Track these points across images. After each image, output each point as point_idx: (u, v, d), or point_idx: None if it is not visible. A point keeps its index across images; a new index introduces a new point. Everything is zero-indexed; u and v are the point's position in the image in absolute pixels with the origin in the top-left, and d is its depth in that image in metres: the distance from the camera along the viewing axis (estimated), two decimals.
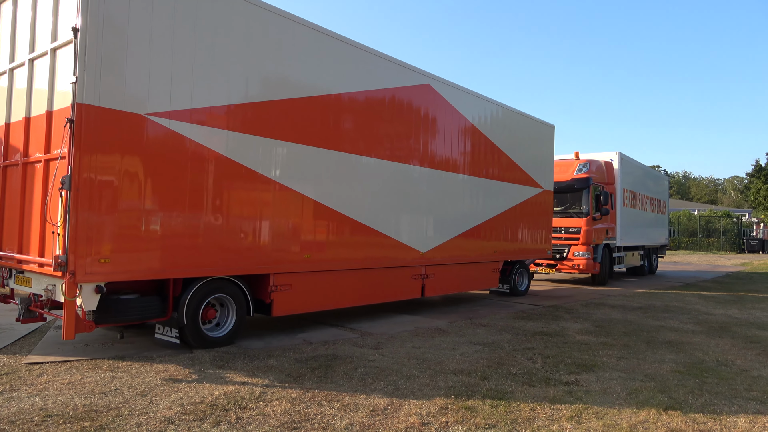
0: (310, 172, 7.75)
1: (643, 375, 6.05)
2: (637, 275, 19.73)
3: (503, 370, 6.08)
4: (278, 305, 7.39)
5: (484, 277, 11.83)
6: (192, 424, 4.25)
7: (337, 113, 8.18)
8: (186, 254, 6.30)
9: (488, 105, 11.65)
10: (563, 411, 4.77)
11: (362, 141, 8.58)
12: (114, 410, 4.50)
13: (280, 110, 7.29)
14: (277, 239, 7.30)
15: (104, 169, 5.62)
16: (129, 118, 5.81)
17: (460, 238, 10.78)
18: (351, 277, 8.55)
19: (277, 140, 7.24)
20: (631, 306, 11.69)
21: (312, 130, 7.73)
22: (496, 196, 11.85)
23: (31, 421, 4.23)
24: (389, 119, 9.12)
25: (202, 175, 6.44)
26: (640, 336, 8.28)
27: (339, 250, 8.23)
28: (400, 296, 9.62)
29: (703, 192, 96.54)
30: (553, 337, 8.03)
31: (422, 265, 9.91)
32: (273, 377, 5.56)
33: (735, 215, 49.37)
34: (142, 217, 5.93)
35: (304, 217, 7.66)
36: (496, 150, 11.81)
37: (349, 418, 4.48)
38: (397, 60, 9.32)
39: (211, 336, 6.74)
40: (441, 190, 10.29)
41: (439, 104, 10.22)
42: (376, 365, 6.13)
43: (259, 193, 7.07)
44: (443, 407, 4.78)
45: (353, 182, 8.49)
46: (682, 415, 4.76)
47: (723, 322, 9.83)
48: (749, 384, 5.80)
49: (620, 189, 17.14)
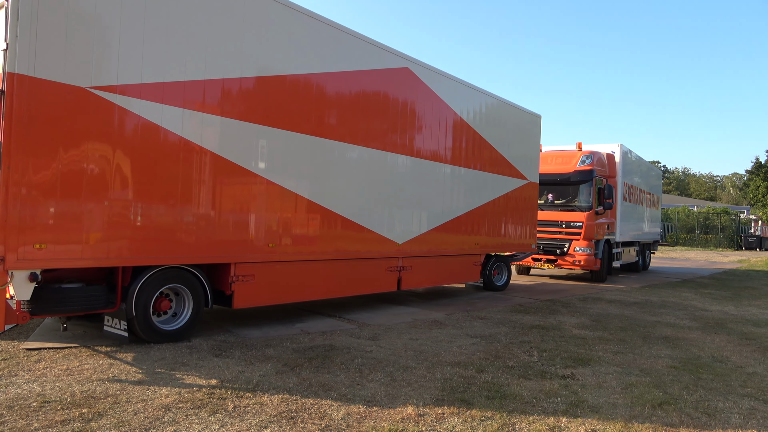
0: (276, 156, 7.31)
1: (638, 370, 6.08)
2: (632, 271, 19.47)
3: (500, 363, 6.11)
4: (239, 297, 6.99)
5: (465, 271, 11.48)
6: (189, 412, 4.27)
7: (306, 95, 7.70)
8: (135, 241, 5.86)
9: (471, 92, 11.18)
10: (559, 404, 4.79)
11: (334, 125, 8.13)
12: (111, 397, 4.52)
13: (243, 89, 6.85)
14: (238, 227, 6.89)
15: (40, 146, 5.15)
16: (69, 91, 5.31)
17: (439, 230, 10.44)
18: (320, 268, 8.13)
19: (239, 121, 6.81)
20: (627, 301, 11.72)
21: (279, 112, 7.30)
22: (479, 187, 11.47)
23: (29, 407, 4.25)
24: (364, 103, 8.64)
25: (155, 156, 5.99)
26: (636, 331, 8.31)
27: (307, 239, 7.82)
28: (375, 289, 9.27)
29: (702, 188, 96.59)
30: (550, 330, 8.06)
31: (398, 257, 9.54)
32: (270, 367, 5.58)
33: (733, 212, 49.49)
34: (84, 199, 5.44)
35: (268, 204, 7.23)
36: (478, 139, 11.38)
37: (345, 408, 4.50)
38: (373, 40, 8.81)
39: (163, 329, 6.34)
40: (419, 180, 9.90)
41: (419, 89, 9.78)
42: (373, 356, 6.15)
43: (219, 177, 6.63)
44: (440, 399, 4.80)
45: (323, 168, 8.03)
46: (677, 410, 4.79)
47: (719, 318, 9.87)
48: (744, 380, 5.83)
49: (621, 182, 16.59)
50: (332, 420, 4.24)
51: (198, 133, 6.36)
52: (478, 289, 12.59)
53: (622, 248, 17.52)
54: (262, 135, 7.11)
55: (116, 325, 6.17)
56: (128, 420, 4.06)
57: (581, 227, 14.93)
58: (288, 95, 7.45)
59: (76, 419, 4.04)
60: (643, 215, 19.80)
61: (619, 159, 16.52)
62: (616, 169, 16.47)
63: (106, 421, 4.03)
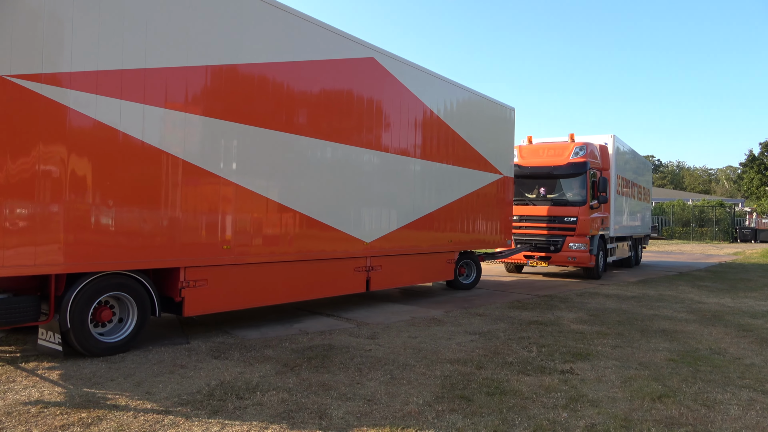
0: (229, 151, 6.86)
1: (637, 363, 6.09)
2: (625, 267, 19.09)
3: (499, 359, 6.11)
4: (191, 303, 6.50)
5: (438, 269, 11.10)
6: (189, 414, 4.26)
7: (262, 86, 7.22)
8: (68, 246, 5.34)
9: (442, 84, 10.79)
10: (559, 399, 4.80)
11: (293, 118, 7.68)
12: (111, 401, 4.50)
13: (189, 79, 6.36)
14: (188, 228, 6.39)
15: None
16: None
17: (410, 227, 10.06)
18: (281, 270, 7.66)
19: (186, 113, 6.33)
20: (625, 295, 11.76)
21: (231, 103, 6.82)
22: (451, 182, 11.10)
23: (28, 412, 4.23)
24: (326, 95, 8.19)
25: (88, 151, 5.48)
26: (634, 325, 8.34)
27: (266, 240, 7.35)
28: (341, 291, 8.87)
29: (697, 182, 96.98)
30: (548, 326, 8.08)
31: (367, 257, 9.12)
32: (270, 367, 5.57)
33: (728, 205, 49.68)
34: (3, 199, 4.93)
35: (221, 202, 6.77)
36: (450, 133, 11.01)
37: (345, 407, 4.50)
38: (334, 28, 8.33)
39: (103, 341, 5.86)
40: (388, 176, 9.51)
41: (386, 81, 9.36)
42: (372, 355, 6.15)
43: (164, 174, 6.13)
44: (439, 396, 4.81)
45: (282, 163, 7.57)
46: (676, 402, 4.81)
47: (716, 310, 9.91)
48: (742, 372, 5.86)
49: (614, 175, 16.01)
50: (332, 419, 4.24)
51: (139, 126, 5.88)
52: (445, 289, 12.18)
53: (616, 243, 16.99)
54: (212, 128, 6.65)
55: (50, 338, 5.66)
56: (128, 423, 4.05)
57: (575, 222, 14.33)
58: (242, 86, 6.98)
59: (76, 424, 4.02)
60: (635, 209, 19.44)
61: (612, 151, 15.96)
62: (610, 162, 15.85)
63: (106, 425, 4.02)
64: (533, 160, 15.15)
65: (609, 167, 15.83)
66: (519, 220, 14.95)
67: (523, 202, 15.05)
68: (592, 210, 14.47)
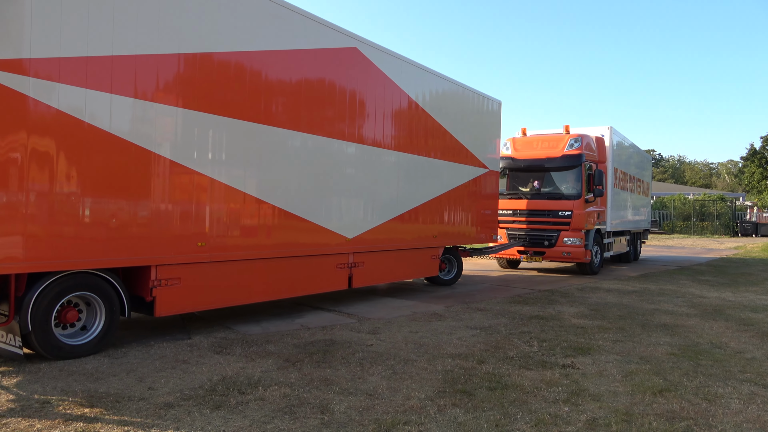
0: (203, 143, 6.55)
1: (638, 357, 6.10)
2: (623, 262, 18.70)
3: (500, 353, 6.13)
4: (162, 303, 6.21)
5: (423, 265, 10.87)
6: (192, 409, 4.27)
7: (240, 75, 6.94)
8: (27, 243, 5.02)
9: (427, 75, 10.52)
10: (560, 393, 4.81)
11: (272, 109, 7.38)
12: (113, 396, 4.51)
13: (162, 67, 6.07)
14: (160, 224, 6.10)
15: None
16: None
17: (394, 222, 9.77)
18: (259, 267, 7.36)
19: (157, 103, 6.04)
20: (626, 290, 11.76)
21: (206, 94, 6.53)
22: (437, 176, 10.87)
23: (31, 407, 4.24)
24: (307, 85, 7.88)
25: (50, 142, 5.17)
26: (635, 319, 8.35)
27: (242, 236, 7.07)
28: (322, 288, 8.58)
29: (698, 176, 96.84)
30: (549, 320, 8.09)
31: (349, 253, 8.86)
32: (271, 363, 5.58)
33: (729, 199, 49.64)
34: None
35: (195, 197, 6.46)
36: (436, 126, 10.75)
37: (347, 402, 4.51)
38: (315, 16, 8.05)
39: (68, 343, 5.52)
40: (372, 169, 9.25)
41: (370, 71, 9.07)
42: (374, 350, 6.16)
43: (132, 167, 5.81)
44: (441, 391, 4.82)
45: (259, 156, 7.26)
46: (678, 396, 4.81)
47: (717, 305, 9.92)
48: (743, 366, 5.87)
49: (611, 168, 15.57)
50: (334, 414, 4.25)
51: (106, 116, 5.57)
52: (425, 285, 11.93)
53: (613, 238, 16.54)
54: (185, 119, 6.36)
55: (10, 340, 5.30)
56: (131, 419, 4.06)
57: (570, 217, 13.87)
58: (216, 76, 6.69)
59: (79, 419, 4.04)
60: (634, 203, 18.96)
61: (609, 143, 15.46)
62: (606, 154, 15.40)
63: (109, 420, 4.03)
64: (527, 153, 14.74)
65: (606, 160, 15.39)
66: (512, 215, 14.66)
67: (516, 196, 14.74)
68: (587, 204, 14.08)
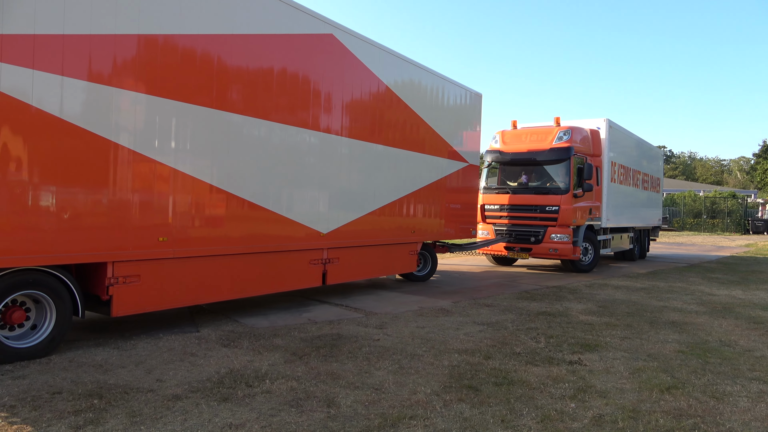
0: (164, 132, 6.14)
1: (646, 355, 6.07)
2: (627, 260, 18.19)
3: (507, 349, 6.12)
4: (120, 302, 5.82)
5: (401, 260, 10.58)
6: (199, 401, 4.30)
7: (207, 59, 6.57)
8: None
9: (407, 66, 10.26)
10: (567, 390, 4.80)
11: (239, 96, 6.99)
12: (122, 387, 4.56)
13: (120, 49, 5.67)
14: (116, 217, 5.68)
15: None
16: None
17: (371, 217, 9.44)
18: (226, 264, 6.99)
19: (114, 87, 5.63)
20: (634, 287, 11.70)
21: (169, 79, 6.15)
22: (416, 169, 10.62)
23: (41, 398, 4.29)
24: (281, 72, 7.55)
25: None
26: (643, 316, 8.30)
27: (208, 230, 6.70)
28: (294, 285, 8.22)
29: (709, 173, 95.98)
30: (557, 317, 8.07)
31: (323, 249, 8.54)
32: (279, 356, 5.61)
33: (740, 196, 49.17)
34: None
35: (156, 188, 6.08)
36: (415, 119, 10.49)
37: (354, 395, 4.52)
38: (290, 1, 7.71)
39: (13, 346, 5.12)
40: (348, 161, 8.93)
41: (347, 60, 8.75)
42: (381, 344, 6.17)
43: (85, 155, 5.41)
44: (447, 386, 4.82)
45: (228, 147, 6.90)
46: (685, 394, 4.79)
47: (727, 302, 9.85)
48: (752, 364, 5.82)
49: (607, 162, 14.95)
50: (340, 407, 4.27)
51: (56, 100, 5.17)
52: (397, 281, 11.63)
53: (611, 235, 15.89)
54: (146, 105, 5.97)
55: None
56: (139, 410, 4.10)
57: (557, 212, 13.42)
58: (181, 59, 6.30)
59: (88, 410, 4.08)
60: (638, 198, 18.14)
61: (605, 135, 14.86)
62: (602, 147, 14.84)
63: (118, 411, 4.07)
64: (515, 146, 14.33)
65: (601, 153, 14.87)
66: (500, 210, 14.36)
67: (504, 191, 14.40)
68: (575, 199, 13.55)
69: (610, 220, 15.42)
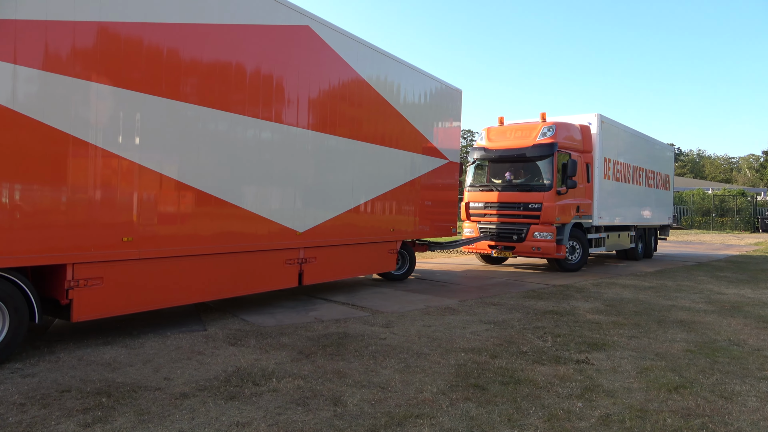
0: (128, 125, 5.84)
1: (653, 354, 6.04)
2: (630, 259, 17.69)
3: (513, 348, 6.11)
4: (81, 306, 5.49)
5: (380, 259, 10.39)
6: (207, 399, 4.33)
7: (174, 50, 6.27)
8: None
9: (385, 60, 10.04)
10: (573, 389, 4.79)
11: (213, 90, 6.74)
12: (130, 386, 4.59)
13: (79, 36, 5.36)
14: (76, 216, 5.37)
15: None
16: None
17: (349, 215, 9.25)
18: (196, 264, 6.67)
19: (74, 78, 5.33)
20: (642, 286, 11.64)
21: (133, 70, 5.84)
22: (395, 166, 10.43)
23: (50, 396, 4.33)
24: (253, 65, 7.29)
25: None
26: (651, 315, 8.26)
27: (177, 229, 6.39)
28: (269, 286, 7.94)
29: (718, 170, 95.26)
30: (564, 316, 8.04)
31: (299, 248, 8.27)
32: (285, 355, 5.63)
33: (750, 194, 48.77)
34: None
35: (120, 185, 5.77)
36: (395, 115, 10.29)
37: (360, 394, 4.53)
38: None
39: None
40: (325, 158, 8.69)
41: (324, 53, 8.52)
42: (387, 343, 6.18)
43: (39, 149, 5.08)
44: (454, 385, 4.82)
45: (199, 142, 6.62)
46: (693, 393, 4.76)
47: (735, 301, 9.78)
48: (761, 363, 5.78)
49: (599, 158, 14.51)
50: (347, 406, 4.28)
51: (8, 90, 4.87)
52: (375, 281, 11.41)
53: (606, 233, 15.39)
54: (105, 96, 5.65)
55: None
56: (147, 408, 4.13)
57: (540, 210, 13.18)
58: (146, 49, 5.99)
59: (96, 408, 4.11)
60: (639, 196, 17.43)
61: (596, 131, 14.47)
62: (594, 143, 14.44)
63: (126, 409, 4.10)
64: (500, 143, 14.14)
65: (592, 149, 14.48)
66: (484, 208, 14.17)
67: (488, 189, 14.22)
68: (559, 196, 13.24)
69: (602, 218, 14.96)
